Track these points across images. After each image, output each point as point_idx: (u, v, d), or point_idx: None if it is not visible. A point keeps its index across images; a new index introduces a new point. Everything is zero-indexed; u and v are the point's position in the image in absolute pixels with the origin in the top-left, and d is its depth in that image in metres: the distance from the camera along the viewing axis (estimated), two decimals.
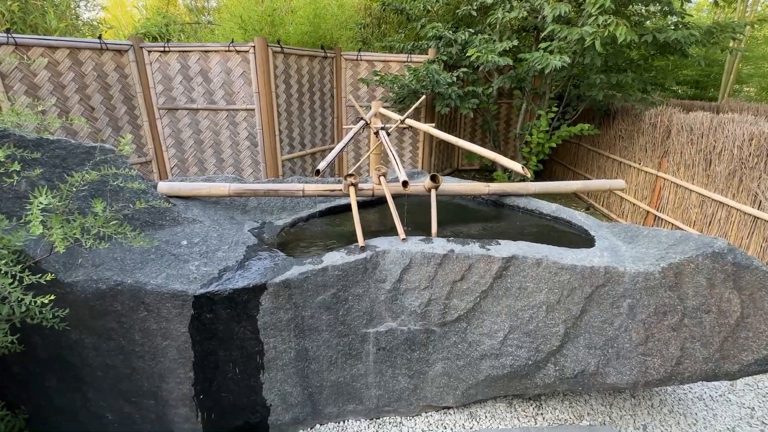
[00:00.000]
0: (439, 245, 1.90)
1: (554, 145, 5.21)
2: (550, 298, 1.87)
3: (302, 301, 1.79)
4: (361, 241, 1.91)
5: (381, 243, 1.94)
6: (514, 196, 2.72)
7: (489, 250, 1.88)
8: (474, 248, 1.89)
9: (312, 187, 2.34)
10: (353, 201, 2.13)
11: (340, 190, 2.33)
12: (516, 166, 2.28)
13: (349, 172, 2.29)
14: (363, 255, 1.85)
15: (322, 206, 2.64)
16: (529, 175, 2.27)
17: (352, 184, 2.22)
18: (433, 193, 2.39)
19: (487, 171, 7.07)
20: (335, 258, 1.82)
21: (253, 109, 4.47)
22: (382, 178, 2.34)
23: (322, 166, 2.22)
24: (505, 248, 1.88)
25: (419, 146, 5.84)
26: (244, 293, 1.68)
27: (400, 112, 5.32)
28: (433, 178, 2.35)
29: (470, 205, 2.88)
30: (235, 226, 2.19)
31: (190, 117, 4.50)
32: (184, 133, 4.56)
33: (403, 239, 1.96)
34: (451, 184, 2.62)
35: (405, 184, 2.17)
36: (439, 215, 2.26)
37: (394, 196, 2.40)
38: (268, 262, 1.85)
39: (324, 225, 2.46)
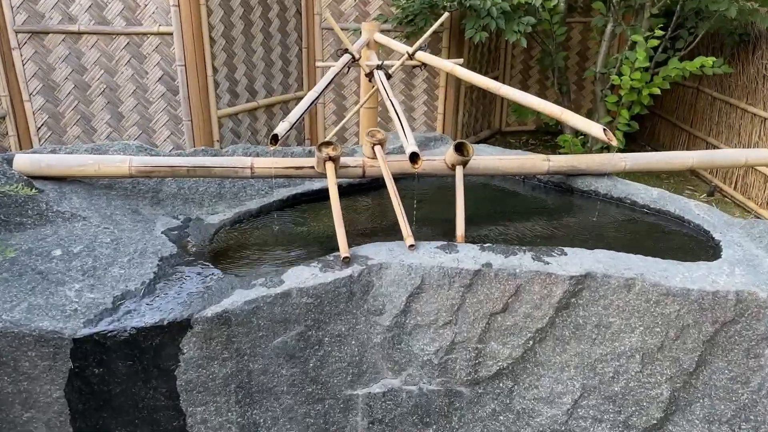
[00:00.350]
0: (469, 255, 1.91)
1: (658, 91, 5.20)
2: (647, 341, 1.88)
3: (250, 347, 1.78)
4: (344, 249, 1.91)
5: (376, 252, 1.95)
6: (590, 175, 2.73)
7: (548, 264, 1.89)
8: (524, 261, 1.89)
9: (266, 163, 2.34)
10: (332, 185, 2.13)
11: (312, 167, 2.33)
12: (594, 128, 2.28)
13: (327, 140, 2.30)
14: (347, 272, 1.86)
15: (283, 192, 2.64)
16: (614, 143, 2.27)
17: (331, 159, 2.23)
18: (459, 171, 2.40)
19: (547, 134, 7.08)
20: (303, 276, 1.83)
21: (170, 34, 4.46)
22: (378, 148, 2.35)
23: (282, 129, 2.21)
24: (575, 261, 1.89)
25: (438, 96, 5.85)
26: (155, 335, 1.66)
27: (409, 40, 5.30)
28: (460, 149, 2.36)
29: (519, 191, 2.88)
30: (140, 225, 2.20)
31: (67, 45, 4.49)
32: (59, 71, 4.55)
33: (411, 246, 1.96)
34: (490, 158, 2.62)
35: (414, 157, 2.17)
36: (469, 207, 2.25)
37: (399, 177, 2.40)
38: (195, 283, 1.85)
39: (286, 223, 2.46)
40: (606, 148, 5.47)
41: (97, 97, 4.58)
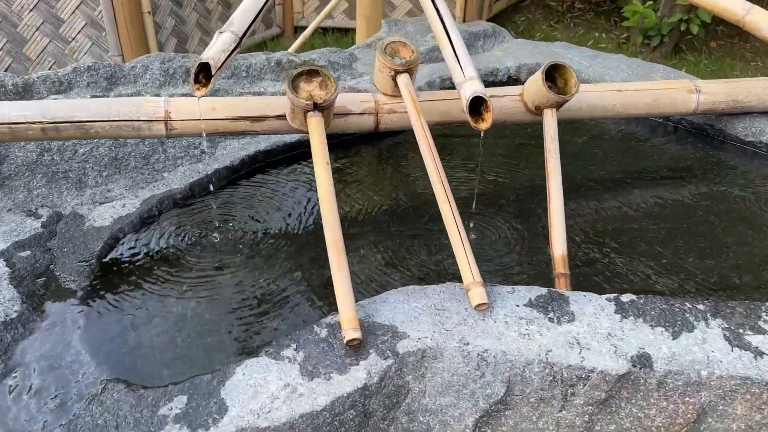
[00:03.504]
0: (597, 329, 1.15)
1: None
2: None
3: None
4: (350, 322, 1.12)
5: (410, 314, 1.17)
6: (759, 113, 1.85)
7: (765, 356, 1.08)
8: (712, 344, 1.13)
9: (197, 111, 1.39)
10: (321, 162, 1.27)
11: (282, 116, 1.48)
12: None
13: (310, 65, 1.41)
14: (357, 377, 1.07)
15: (234, 152, 1.73)
16: None
17: (317, 107, 1.30)
18: (550, 118, 1.63)
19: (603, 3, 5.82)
20: (266, 395, 1.04)
21: None
22: (404, 79, 1.44)
23: (215, 52, 1.27)
24: None
25: None
26: None
27: None
28: (551, 77, 1.53)
29: (631, 134, 1.97)
30: None
31: None
32: None
33: (481, 306, 1.17)
34: (600, 90, 1.66)
35: (478, 106, 1.24)
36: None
37: (443, 134, 1.48)
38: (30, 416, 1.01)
39: (239, 217, 1.58)
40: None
41: None
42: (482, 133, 1.31)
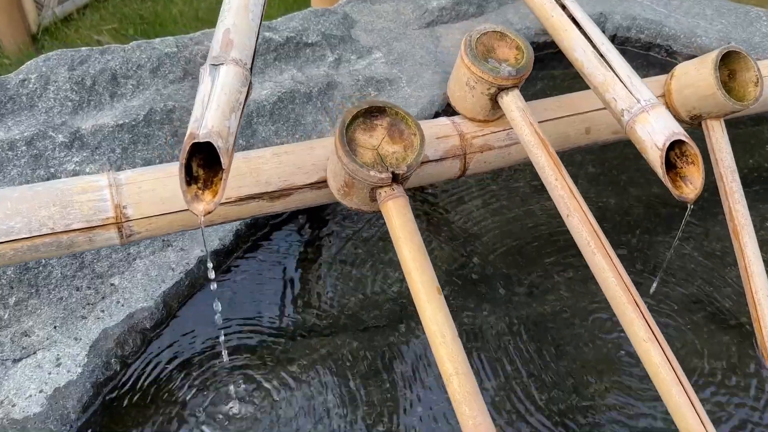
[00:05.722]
0: None
1: None
2: None
3: None
4: None
5: None
6: None
7: None
8: None
9: (149, 197, 0.84)
10: (420, 279, 0.77)
11: (319, 185, 0.98)
12: None
13: (370, 102, 0.89)
14: None
15: (223, 228, 1.10)
16: None
17: (396, 177, 0.75)
18: (720, 135, 1.12)
19: None
20: None
21: None
22: (511, 99, 1.00)
23: (216, 117, 0.66)
24: None
25: None
26: None
27: None
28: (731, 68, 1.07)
29: None
30: None
31: None
32: None
33: None
34: None
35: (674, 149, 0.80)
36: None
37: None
38: None
39: (252, 337, 1.01)
40: None
41: None
42: (690, 206, 0.79)
